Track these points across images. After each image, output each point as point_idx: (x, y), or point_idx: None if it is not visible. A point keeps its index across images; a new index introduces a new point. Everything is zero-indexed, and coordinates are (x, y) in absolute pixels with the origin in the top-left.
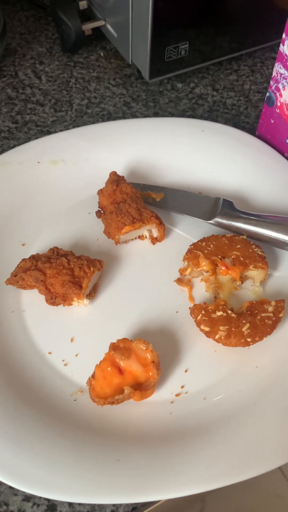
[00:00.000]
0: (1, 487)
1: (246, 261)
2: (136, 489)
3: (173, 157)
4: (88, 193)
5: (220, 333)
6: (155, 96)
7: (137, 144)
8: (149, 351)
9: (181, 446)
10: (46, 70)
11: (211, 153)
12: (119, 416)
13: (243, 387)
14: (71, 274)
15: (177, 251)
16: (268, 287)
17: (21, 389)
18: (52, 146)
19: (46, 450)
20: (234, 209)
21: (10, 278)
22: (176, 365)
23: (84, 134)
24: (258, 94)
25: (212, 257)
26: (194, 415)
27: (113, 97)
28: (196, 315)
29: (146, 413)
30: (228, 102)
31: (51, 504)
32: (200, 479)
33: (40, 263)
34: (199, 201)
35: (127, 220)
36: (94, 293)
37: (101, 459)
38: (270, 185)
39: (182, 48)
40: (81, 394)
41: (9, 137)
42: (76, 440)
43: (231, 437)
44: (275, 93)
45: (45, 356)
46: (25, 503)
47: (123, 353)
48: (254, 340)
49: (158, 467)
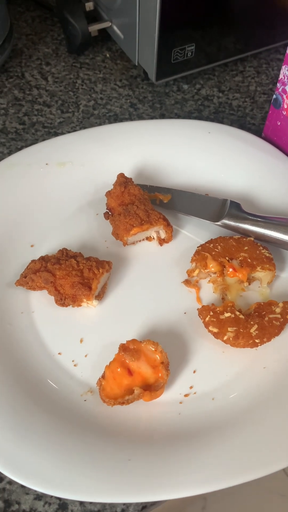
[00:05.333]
0: (12, 486)
1: (253, 263)
2: (146, 489)
3: (180, 158)
4: (96, 195)
5: (228, 334)
6: (161, 97)
7: (144, 146)
8: (158, 352)
9: (190, 446)
10: (52, 71)
11: (217, 155)
12: (129, 416)
13: (251, 387)
14: (80, 275)
15: (185, 252)
16: (275, 289)
17: (31, 390)
18: (60, 148)
19: (57, 450)
20: (241, 211)
21: (20, 279)
22: (184, 366)
23: (91, 136)
24: (263, 95)
25: (219, 259)
26: (202, 416)
27: (119, 98)
28: (205, 316)
29: (156, 413)
30: (234, 104)
31: (62, 503)
32: (209, 478)
33: (50, 265)
34: (206, 203)
35: (135, 222)
36: (102, 294)
37: (112, 459)
38: (277, 186)
39: (189, 49)
40: (91, 395)
41: (16, 138)
42: (87, 440)
43: (239, 438)
44: (281, 95)
45: (55, 357)
46: (37, 501)
47: (132, 354)
48: (262, 341)
49: (167, 466)
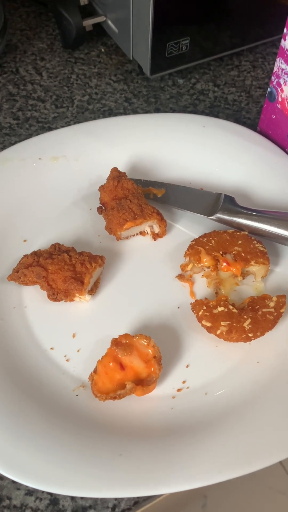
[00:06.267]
0: (4, 482)
1: (247, 257)
2: (137, 483)
3: (174, 153)
4: (89, 189)
5: (221, 328)
6: (156, 92)
7: (138, 140)
8: (151, 347)
9: (182, 441)
10: (47, 66)
11: (212, 149)
12: (121, 411)
13: (244, 382)
14: (72, 270)
15: (179, 247)
16: (269, 283)
17: (23, 385)
18: (53, 142)
19: (48, 444)
20: (236, 205)
21: (12, 274)
22: (177, 360)
23: (85, 130)
24: (259, 89)
25: (213, 253)
26: (195, 410)
27: (114, 93)
28: (198, 311)
29: (148, 408)
30: (229, 98)
31: (53, 498)
32: (201, 473)
33: (42, 259)
34: (200, 197)
35: (129, 216)
36: (95, 289)
37: (103, 454)
38: (272, 180)
39: (183, 43)
40: (83, 389)
41: (10, 134)
42: (78, 434)
43: (232, 432)
44: (276, 89)
45: (47, 352)
46: (28, 497)
47: (125, 349)
48: (256, 335)
49: (159, 461)
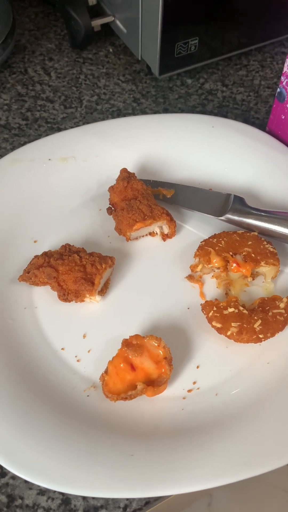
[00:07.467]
0: (16, 481)
1: (257, 258)
2: (149, 484)
3: (183, 153)
4: (99, 190)
5: (232, 329)
6: (165, 92)
7: (147, 141)
8: (161, 348)
9: (193, 441)
10: (55, 66)
11: (221, 149)
12: (132, 412)
13: (254, 383)
14: (83, 270)
15: (188, 247)
16: (279, 284)
17: (34, 385)
18: (62, 143)
19: (60, 445)
20: (245, 205)
21: (23, 274)
22: (188, 361)
23: (94, 131)
24: (268, 89)
25: (223, 254)
26: (206, 411)
27: (122, 93)
28: (208, 312)
29: (159, 409)
30: (238, 98)
31: (65, 498)
32: (212, 474)
33: (53, 260)
34: (209, 198)
35: (138, 217)
36: (105, 290)
37: (115, 454)
38: (281, 181)
39: (192, 43)
40: (94, 390)
41: (19, 134)
42: (90, 435)
43: (243, 433)
44: (286, 89)
45: (58, 352)
46: (40, 496)
47: (135, 349)
48: (266, 337)
49: (170, 462)
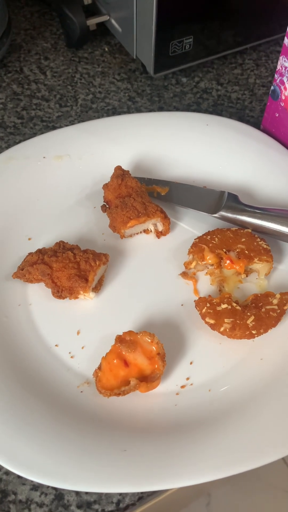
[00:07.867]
0: (9, 477)
1: (251, 254)
2: (141, 479)
3: (178, 151)
4: (93, 188)
5: (225, 325)
6: (160, 90)
7: (142, 139)
8: (155, 344)
9: (186, 437)
10: (51, 65)
11: (216, 147)
12: (125, 407)
13: (247, 378)
14: (77, 267)
15: (182, 244)
16: (272, 280)
17: (28, 382)
18: (57, 141)
19: (53, 440)
20: (239, 203)
21: (17, 271)
22: (181, 357)
23: (89, 129)
24: (262, 88)
25: (217, 251)
26: (199, 407)
27: (118, 92)
28: (201, 308)
29: (152, 405)
30: (232, 96)
31: (58, 493)
32: (205, 469)
33: (47, 257)
34: (204, 195)
35: (132, 214)
36: (99, 287)
37: (108, 449)
38: (275, 178)
39: (187, 42)
40: (88, 386)
41: (14, 133)
42: (83, 430)
43: (236, 428)
44: (279, 87)
45: (52, 349)
46: (33, 492)
47: (129, 346)
48: (259, 333)
49: (163, 457)
